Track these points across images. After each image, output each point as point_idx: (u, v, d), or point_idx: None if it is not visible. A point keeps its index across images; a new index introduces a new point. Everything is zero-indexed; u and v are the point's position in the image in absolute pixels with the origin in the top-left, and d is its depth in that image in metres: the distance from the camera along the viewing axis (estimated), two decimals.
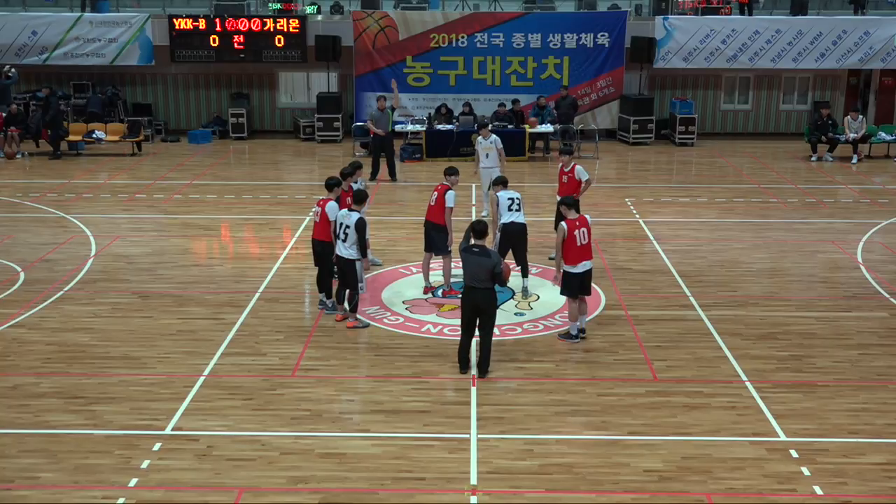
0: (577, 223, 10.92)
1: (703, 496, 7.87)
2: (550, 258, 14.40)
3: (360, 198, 11.74)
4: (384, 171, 20.48)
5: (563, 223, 10.95)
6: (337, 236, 11.44)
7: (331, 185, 12.09)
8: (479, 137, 16.65)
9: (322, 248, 11.89)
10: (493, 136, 16.42)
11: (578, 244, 10.87)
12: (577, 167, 13.99)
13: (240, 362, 10.58)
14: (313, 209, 12.09)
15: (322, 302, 12.23)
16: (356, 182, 12.85)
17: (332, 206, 11.69)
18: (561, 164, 14.14)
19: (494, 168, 15.98)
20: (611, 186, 19.78)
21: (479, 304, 10.00)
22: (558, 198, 14.22)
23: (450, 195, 12.51)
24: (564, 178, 14.03)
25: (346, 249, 11.37)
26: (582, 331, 11.32)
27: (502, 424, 9.10)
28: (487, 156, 16.34)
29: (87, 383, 10.01)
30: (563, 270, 11.03)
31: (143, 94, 26.42)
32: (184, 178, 20.62)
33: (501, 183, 12.86)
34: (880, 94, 26.87)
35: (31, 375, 10.19)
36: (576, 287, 11.04)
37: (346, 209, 11.50)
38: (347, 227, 11.31)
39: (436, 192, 12.63)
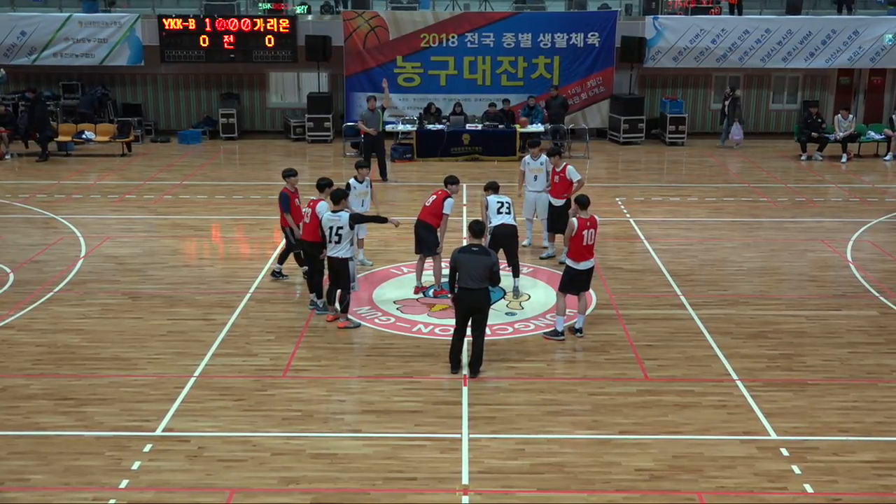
0: (588, 223, 11.11)
1: (695, 495, 7.88)
2: (541, 258, 14.44)
3: (337, 197, 11.53)
4: (375, 171, 20.42)
5: (573, 219, 11.12)
6: (329, 240, 11.41)
7: (322, 185, 12.06)
8: (527, 157, 14.60)
9: (311, 249, 11.87)
10: (544, 157, 14.33)
11: (584, 243, 11.09)
12: (569, 167, 14.02)
13: (230, 363, 10.56)
14: (303, 210, 12.05)
15: (313, 302, 12.20)
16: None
17: (322, 207, 11.66)
18: (552, 165, 14.18)
19: (542, 193, 14.33)
20: (601, 186, 19.79)
21: (475, 303, 9.98)
22: (550, 198, 14.27)
23: (448, 202, 12.49)
24: (556, 177, 14.05)
25: (339, 251, 11.34)
26: (579, 330, 11.35)
27: (494, 424, 9.10)
28: (536, 178, 14.41)
29: (77, 385, 9.97)
30: (566, 265, 11.26)
31: (132, 94, 26.32)
32: (174, 179, 20.55)
33: (492, 188, 12.90)
34: (869, 94, 26.97)
35: (20, 377, 10.14)
36: (575, 283, 11.19)
37: (330, 213, 11.43)
38: (340, 228, 11.28)
39: (434, 196, 12.61)
